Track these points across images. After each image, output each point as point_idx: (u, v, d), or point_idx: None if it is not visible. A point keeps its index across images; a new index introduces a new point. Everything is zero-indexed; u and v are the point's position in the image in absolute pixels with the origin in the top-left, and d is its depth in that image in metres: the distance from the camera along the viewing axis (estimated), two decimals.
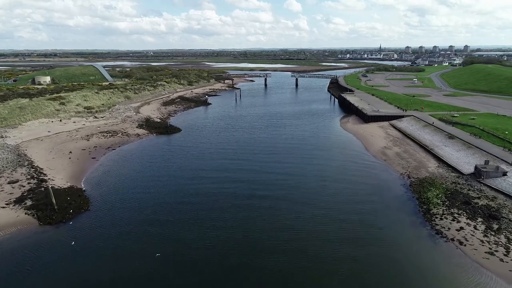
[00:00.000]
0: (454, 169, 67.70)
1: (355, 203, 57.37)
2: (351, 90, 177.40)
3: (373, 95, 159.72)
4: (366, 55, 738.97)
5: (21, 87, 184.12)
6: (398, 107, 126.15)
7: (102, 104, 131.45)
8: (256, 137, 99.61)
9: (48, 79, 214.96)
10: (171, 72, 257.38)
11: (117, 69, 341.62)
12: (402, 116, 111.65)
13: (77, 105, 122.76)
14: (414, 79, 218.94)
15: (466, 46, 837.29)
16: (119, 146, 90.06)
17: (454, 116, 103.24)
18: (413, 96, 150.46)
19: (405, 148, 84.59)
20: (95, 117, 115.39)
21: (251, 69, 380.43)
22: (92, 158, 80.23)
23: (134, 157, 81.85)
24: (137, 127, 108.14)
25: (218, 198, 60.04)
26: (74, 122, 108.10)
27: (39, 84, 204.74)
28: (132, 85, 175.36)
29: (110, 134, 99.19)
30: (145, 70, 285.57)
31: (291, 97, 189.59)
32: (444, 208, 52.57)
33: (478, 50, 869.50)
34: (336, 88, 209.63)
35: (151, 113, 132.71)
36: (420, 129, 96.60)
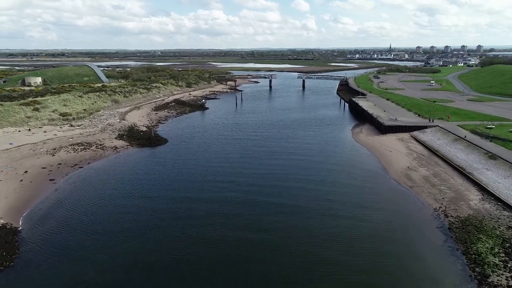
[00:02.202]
0: (506, 205, 51.59)
1: (375, 253, 42.14)
2: (363, 94, 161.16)
3: (388, 99, 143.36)
4: (376, 55, 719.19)
5: (7, 88, 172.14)
6: (418, 115, 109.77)
7: (84, 110, 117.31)
8: (252, 153, 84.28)
9: (39, 80, 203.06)
10: (170, 73, 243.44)
11: (117, 69, 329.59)
12: (425, 127, 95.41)
13: (53, 111, 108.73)
14: (431, 81, 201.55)
15: (479, 46, 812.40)
16: (89, 163, 75.47)
17: (489, 128, 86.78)
18: (434, 101, 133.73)
19: (434, 170, 68.53)
20: (71, 125, 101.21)
21: (257, 70, 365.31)
22: (50, 180, 65.71)
23: (102, 179, 67.16)
24: (116, 137, 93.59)
25: (200, 234, 46.21)
26: (44, 131, 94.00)
27: (29, 85, 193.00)
28: (123, 88, 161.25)
29: (82, 147, 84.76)
30: (145, 70, 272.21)
31: (296, 101, 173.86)
32: (509, 274, 36.74)
33: (492, 50, 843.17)
34: (346, 91, 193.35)
35: (139, 119, 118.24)
36: (449, 144, 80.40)
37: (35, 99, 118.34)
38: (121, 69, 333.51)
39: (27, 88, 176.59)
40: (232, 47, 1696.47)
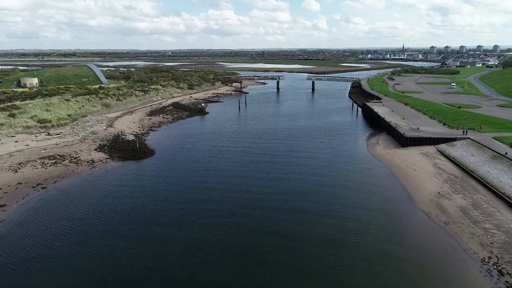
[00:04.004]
0: None
1: None
2: (378, 98, 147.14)
3: (406, 104, 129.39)
4: (388, 55, 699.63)
5: (0, 90, 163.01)
6: (444, 124, 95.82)
7: (69, 115, 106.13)
8: (248, 171, 71.48)
9: (35, 81, 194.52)
10: (174, 73, 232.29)
11: (120, 69, 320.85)
12: (454, 139, 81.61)
13: (31, 117, 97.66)
14: (452, 84, 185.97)
15: (495, 46, 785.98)
16: (55, 182, 63.89)
17: None
18: (459, 107, 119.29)
19: (472, 198, 55.03)
20: (48, 133, 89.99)
21: (266, 70, 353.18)
22: (0, 206, 54.14)
23: (64, 204, 55.50)
24: (96, 149, 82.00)
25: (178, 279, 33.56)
26: (16, 141, 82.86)
27: (24, 86, 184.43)
28: (119, 90, 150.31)
29: (54, 161, 73.32)
30: (148, 71, 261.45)
31: (305, 105, 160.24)
32: None
33: (509, 50, 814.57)
34: (359, 93, 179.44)
35: (128, 126, 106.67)
36: (487, 162, 66.55)
37: (13, 103, 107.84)
38: (125, 69, 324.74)
39: (20, 90, 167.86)
40: (242, 47, 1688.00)
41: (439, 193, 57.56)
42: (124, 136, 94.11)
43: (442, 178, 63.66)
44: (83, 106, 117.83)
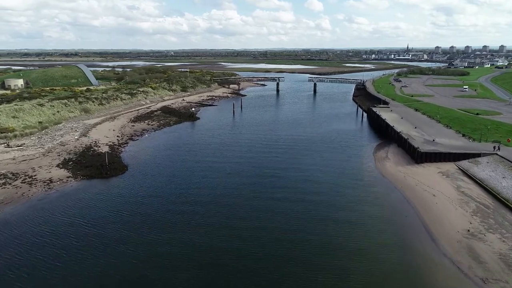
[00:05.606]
0: None
1: None
2: (384, 102, 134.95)
3: (416, 110, 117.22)
4: (393, 55, 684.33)
5: None
6: (463, 135, 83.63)
7: (39, 122, 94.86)
8: (231, 193, 59.72)
9: (20, 82, 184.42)
10: (167, 75, 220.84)
11: (116, 69, 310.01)
12: (478, 154, 69.39)
13: None
14: (464, 87, 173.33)
15: (502, 46, 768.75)
16: None
17: None
18: (477, 113, 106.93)
19: None
20: (8, 145, 78.60)
21: (267, 70, 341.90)
22: None
23: None
24: (59, 164, 70.48)
25: None
26: None
27: (8, 88, 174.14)
28: (103, 93, 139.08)
29: (4, 180, 61.92)
30: (143, 71, 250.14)
31: (306, 110, 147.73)
32: None
33: None
34: (363, 97, 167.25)
35: (106, 135, 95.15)
36: None
37: None
38: (122, 69, 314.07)
39: (1, 92, 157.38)
40: (246, 47, 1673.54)
41: (468, 230, 45.49)
42: (97, 148, 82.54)
43: (469, 208, 51.55)
44: (58, 111, 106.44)
